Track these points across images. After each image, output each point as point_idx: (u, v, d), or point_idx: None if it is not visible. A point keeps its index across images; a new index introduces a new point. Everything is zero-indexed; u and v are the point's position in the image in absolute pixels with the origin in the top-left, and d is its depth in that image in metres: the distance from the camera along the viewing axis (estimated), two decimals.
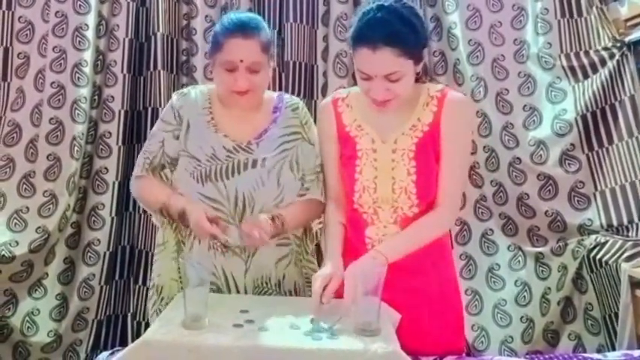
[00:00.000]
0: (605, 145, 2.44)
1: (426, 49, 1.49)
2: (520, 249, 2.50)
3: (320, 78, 2.62)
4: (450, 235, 1.94)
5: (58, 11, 2.56)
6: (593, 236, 2.36)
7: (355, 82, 1.52)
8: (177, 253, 1.63)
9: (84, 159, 2.54)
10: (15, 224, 2.43)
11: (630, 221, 2.33)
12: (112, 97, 2.59)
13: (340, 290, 1.34)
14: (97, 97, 2.60)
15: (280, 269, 1.61)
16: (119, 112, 2.59)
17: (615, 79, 2.43)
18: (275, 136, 1.61)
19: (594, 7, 2.54)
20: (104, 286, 2.55)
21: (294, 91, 2.54)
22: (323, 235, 1.64)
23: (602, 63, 2.48)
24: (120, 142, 2.58)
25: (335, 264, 1.42)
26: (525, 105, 2.56)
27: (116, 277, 2.60)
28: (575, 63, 2.54)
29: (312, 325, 1.28)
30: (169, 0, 2.63)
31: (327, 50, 2.63)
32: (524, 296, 2.45)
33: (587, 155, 2.46)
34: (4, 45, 2.58)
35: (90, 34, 2.56)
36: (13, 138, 2.53)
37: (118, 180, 2.55)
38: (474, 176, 2.56)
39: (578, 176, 2.46)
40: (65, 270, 2.50)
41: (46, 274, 2.45)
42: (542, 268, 2.45)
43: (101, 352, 1.94)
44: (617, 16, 2.52)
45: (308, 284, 1.66)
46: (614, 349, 2.16)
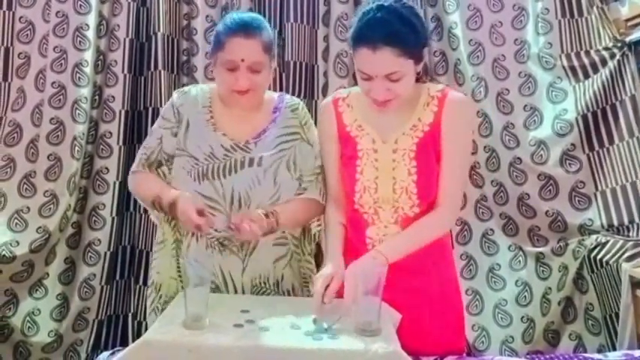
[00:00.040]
0: (606, 145, 2.44)
1: (427, 48, 1.49)
2: (521, 249, 2.50)
3: (320, 78, 2.63)
4: (451, 235, 1.95)
5: (58, 11, 2.56)
6: (593, 236, 2.36)
7: (356, 82, 1.51)
8: (176, 251, 1.62)
9: (84, 159, 2.54)
10: (16, 224, 2.43)
11: (631, 221, 2.33)
12: (113, 97, 2.59)
13: (341, 290, 1.34)
14: (97, 97, 2.60)
15: (278, 269, 1.60)
16: (120, 112, 2.59)
17: (616, 79, 2.43)
18: (273, 136, 1.60)
19: (595, 7, 2.54)
20: (105, 286, 2.55)
21: (294, 91, 2.55)
22: (324, 236, 1.64)
23: (603, 63, 2.48)
24: (120, 142, 2.58)
25: (336, 264, 1.42)
26: (526, 105, 2.56)
27: (117, 277, 2.61)
28: (576, 63, 2.54)
29: (315, 326, 1.28)
30: (170, 0, 2.64)
31: (327, 50, 2.63)
32: (524, 296, 2.45)
33: (588, 155, 2.46)
34: (4, 45, 2.58)
35: (90, 34, 2.56)
36: (13, 138, 2.53)
37: (118, 180, 2.55)
38: (474, 176, 2.56)
39: (578, 176, 2.46)
40: (66, 270, 2.50)
41: (47, 274, 2.45)
42: (542, 268, 2.45)
43: (102, 352, 1.94)
44: (617, 16, 2.52)
45: (306, 285, 1.67)
46: (614, 349, 2.16)
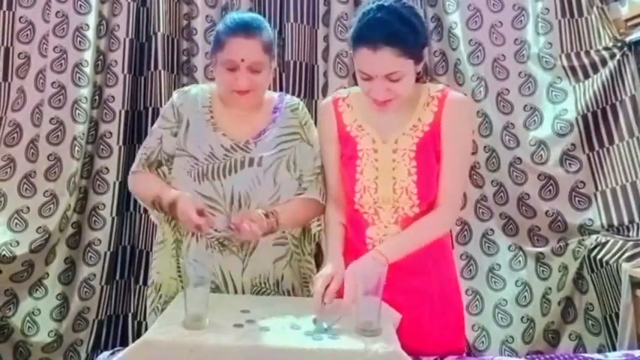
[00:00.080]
0: (606, 145, 2.44)
1: (427, 48, 1.49)
2: (521, 249, 2.50)
3: (320, 78, 2.63)
4: (451, 235, 1.95)
5: (58, 11, 2.56)
6: (593, 236, 2.36)
7: (356, 82, 1.51)
8: (176, 251, 1.62)
9: (84, 159, 2.54)
10: (16, 224, 2.43)
11: (631, 221, 2.33)
12: (113, 97, 2.59)
13: (341, 290, 1.34)
14: (97, 97, 2.60)
15: (278, 269, 1.60)
16: (120, 112, 2.59)
17: (616, 78, 2.43)
18: (273, 136, 1.60)
19: (595, 7, 2.54)
20: (105, 286, 2.55)
21: (294, 91, 2.54)
22: (324, 236, 1.63)
23: (603, 63, 2.48)
24: (120, 142, 2.58)
25: (336, 264, 1.42)
26: (526, 105, 2.56)
27: (117, 277, 2.61)
28: (576, 63, 2.54)
29: (316, 326, 1.28)
30: (170, 0, 2.64)
31: (327, 50, 2.63)
32: (524, 296, 2.45)
33: (588, 155, 2.46)
34: (4, 45, 2.58)
35: (90, 34, 2.56)
36: (13, 138, 2.53)
37: (118, 180, 2.55)
38: (474, 176, 2.56)
39: (578, 176, 2.46)
40: (66, 270, 2.50)
41: (47, 274, 2.45)
42: (542, 268, 2.45)
43: (102, 352, 1.94)
44: (617, 16, 2.52)
45: (305, 285, 1.66)
46: (614, 349, 2.16)
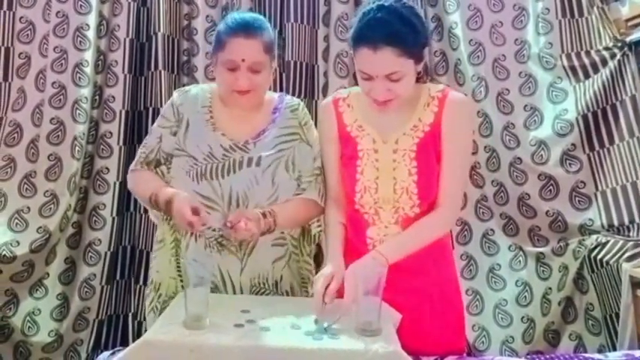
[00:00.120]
0: (606, 145, 2.44)
1: (427, 48, 1.49)
2: (521, 249, 2.50)
3: (321, 78, 2.63)
4: (451, 236, 1.95)
5: (59, 11, 2.56)
6: (594, 236, 2.36)
7: (356, 82, 1.51)
8: (176, 250, 1.62)
9: (85, 159, 2.54)
10: (16, 224, 2.43)
11: (631, 221, 2.33)
12: (113, 97, 2.59)
13: (341, 290, 1.34)
14: (97, 97, 2.60)
15: (277, 270, 1.60)
16: (120, 112, 2.59)
17: (616, 79, 2.43)
18: (272, 136, 1.60)
19: (595, 7, 2.54)
20: (105, 286, 2.55)
21: (294, 91, 2.54)
22: (324, 236, 1.63)
23: (603, 63, 2.48)
24: (121, 142, 2.58)
25: (336, 264, 1.42)
26: (526, 105, 2.56)
27: (117, 277, 2.60)
28: (576, 63, 2.54)
29: (317, 326, 1.28)
30: (170, 0, 2.63)
31: (327, 50, 2.63)
32: (525, 296, 2.45)
33: (588, 155, 2.46)
34: (5, 45, 2.58)
35: (91, 34, 2.56)
36: (14, 138, 2.53)
37: (118, 180, 2.55)
38: (474, 176, 2.56)
39: (579, 176, 2.45)
40: (66, 270, 2.50)
41: (47, 274, 2.45)
42: (543, 268, 2.45)
43: (102, 352, 1.94)
44: (618, 16, 2.52)
45: (304, 285, 1.66)
46: (615, 349, 2.16)
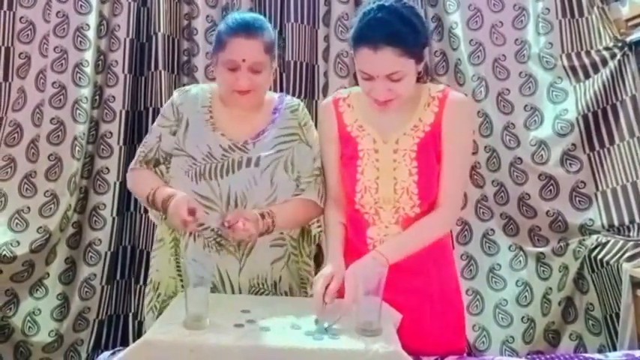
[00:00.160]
0: (607, 145, 2.44)
1: (427, 48, 1.49)
2: (521, 249, 2.50)
3: (321, 78, 2.63)
4: (451, 235, 1.95)
5: (59, 11, 2.56)
6: (594, 236, 2.36)
7: (356, 82, 1.51)
8: (175, 250, 1.63)
9: (85, 159, 2.54)
10: (16, 224, 2.43)
11: (631, 221, 2.33)
12: (113, 97, 2.59)
13: (342, 290, 1.34)
14: (98, 97, 2.60)
15: (276, 270, 1.60)
16: (120, 112, 2.59)
17: (616, 79, 2.43)
18: (272, 137, 1.60)
19: (595, 7, 2.54)
20: (105, 286, 2.55)
21: (295, 91, 2.54)
22: (324, 237, 1.63)
23: (604, 63, 2.48)
24: (121, 142, 2.58)
25: (336, 264, 1.42)
26: (526, 105, 2.56)
27: (117, 277, 2.60)
28: (577, 63, 2.54)
29: (317, 326, 1.28)
30: (170, 0, 2.63)
31: (328, 50, 2.63)
32: (525, 296, 2.45)
33: (589, 155, 2.46)
34: (5, 45, 2.58)
35: (91, 34, 2.56)
36: (14, 138, 2.53)
37: (119, 180, 2.55)
38: (475, 176, 2.56)
39: (579, 176, 2.45)
40: (66, 270, 2.50)
41: (47, 273, 2.45)
42: (543, 268, 2.45)
43: (102, 352, 1.94)
44: (618, 16, 2.52)
45: (303, 286, 1.66)
46: (615, 349, 2.16)
